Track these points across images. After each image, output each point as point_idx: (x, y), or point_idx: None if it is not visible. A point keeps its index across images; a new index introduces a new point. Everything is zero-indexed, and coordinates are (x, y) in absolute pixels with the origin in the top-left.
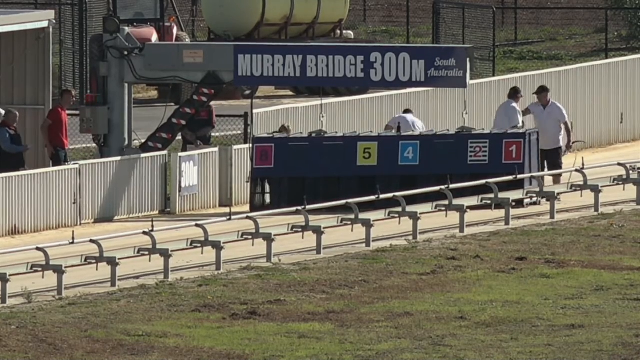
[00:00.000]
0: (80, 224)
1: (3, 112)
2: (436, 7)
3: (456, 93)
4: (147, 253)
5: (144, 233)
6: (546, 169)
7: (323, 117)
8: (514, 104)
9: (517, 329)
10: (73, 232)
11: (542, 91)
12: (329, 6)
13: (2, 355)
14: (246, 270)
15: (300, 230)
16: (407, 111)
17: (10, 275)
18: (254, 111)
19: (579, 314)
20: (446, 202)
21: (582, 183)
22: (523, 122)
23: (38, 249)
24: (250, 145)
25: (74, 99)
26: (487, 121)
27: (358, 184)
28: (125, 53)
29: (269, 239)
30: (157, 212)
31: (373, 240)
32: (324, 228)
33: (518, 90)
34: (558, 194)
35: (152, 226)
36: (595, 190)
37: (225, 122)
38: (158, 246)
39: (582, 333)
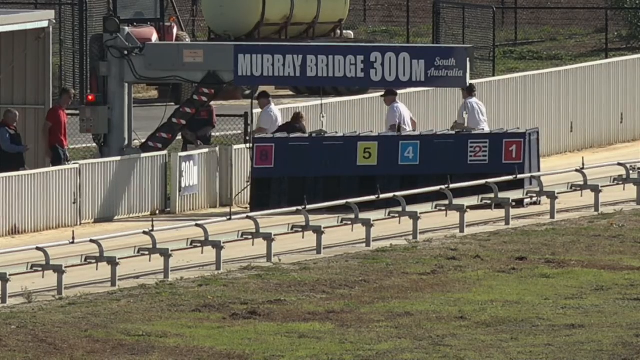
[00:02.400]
0: (80, 223)
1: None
2: (436, 7)
3: (456, 93)
4: (147, 253)
5: (144, 233)
6: None
7: (323, 117)
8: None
9: (517, 329)
10: (73, 232)
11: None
12: (329, 6)
13: (2, 355)
14: (246, 270)
15: (300, 230)
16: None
17: (10, 275)
18: (254, 111)
19: (579, 314)
20: (446, 202)
21: (582, 183)
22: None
23: (38, 248)
24: (250, 145)
25: (73, 98)
26: (488, 121)
27: (358, 184)
28: (126, 53)
29: (269, 238)
30: (157, 212)
31: (373, 240)
32: (324, 228)
33: (473, 88)
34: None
35: (152, 226)
36: (595, 190)
37: (225, 122)
38: (158, 246)
39: (582, 333)
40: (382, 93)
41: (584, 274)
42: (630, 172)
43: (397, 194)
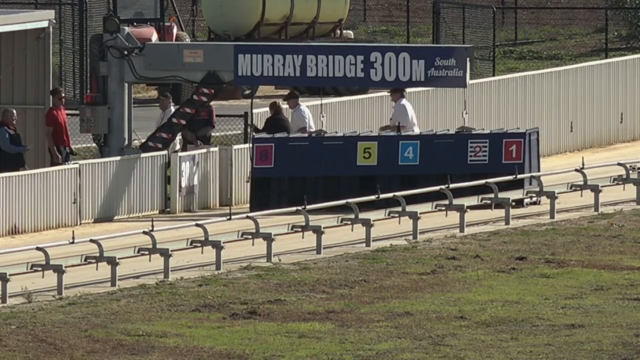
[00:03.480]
0: (80, 223)
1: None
2: (436, 7)
3: (456, 93)
4: (147, 253)
5: (144, 233)
6: None
7: (323, 117)
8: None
9: (517, 329)
10: (73, 231)
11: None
12: (329, 6)
13: (2, 355)
14: (246, 270)
15: (300, 230)
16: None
17: (10, 275)
18: (254, 111)
19: (579, 313)
20: (446, 202)
21: (582, 183)
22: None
23: (38, 248)
24: (250, 145)
25: (64, 96)
26: (487, 121)
27: (358, 184)
28: (125, 53)
29: (269, 238)
30: (157, 212)
31: (373, 240)
32: (324, 228)
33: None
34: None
35: (152, 226)
36: (595, 190)
37: (225, 122)
38: (158, 246)
39: (582, 333)
40: (380, 92)
41: (584, 274)
42: (630, 172)
43: (397, 194)
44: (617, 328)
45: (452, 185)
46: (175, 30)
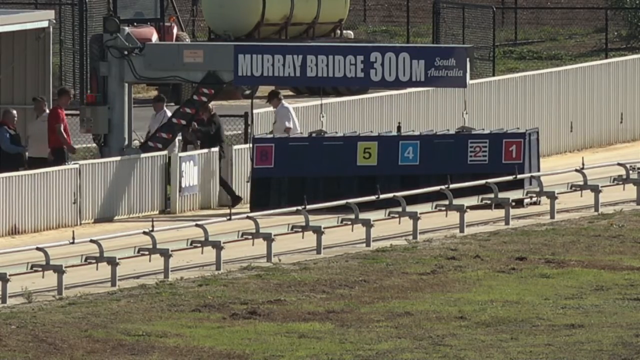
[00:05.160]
0: (80, 224)
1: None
2: (436, 7)
3: (456, 93)
4: (147, 253)
5: (144, 233)
6: None
7: (323, 117)
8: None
9: (517, 329)
10: (73, 232)
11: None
12: (329, 6)
13: (2, 355)
14: (246, 270)
15: (300, 230)
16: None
17: (10, 275)
18: (254, 111)
19: (579, 314)
20: (446, 202)
21: (582, 183)
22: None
23: (38, 249)
24: (250, 145)
25: (72, 98)
26: (487, 121)
27: (358, 184)
28: (126, 53)
29: (269, 239)
30: (157, 212)
31: (373, 240)
32: (324, 228)
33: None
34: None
35: (152, 226)
36: (595, 190)
37: (225, 122)
38: (158, 246)
39: (582, 333)
40: (380, 93)
41: (584, 274)
42: (630, 172)
43: (397, 194)
44: (617, 328)
45: (452, 186)
46: (175, 31)
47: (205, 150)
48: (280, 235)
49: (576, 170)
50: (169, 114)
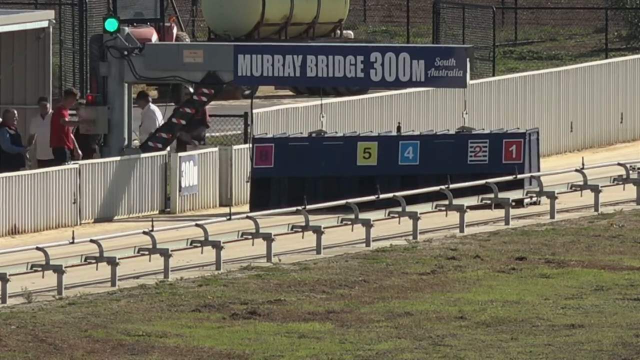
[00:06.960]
0: (80, 223)
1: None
2: (436, 7)
3: (456, 93)
4: (147, 253)
5: (144, 233)
6: None
7: (323, 117)
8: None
9: (517, 329)
10: (73, 232)
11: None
12: (329, 6)
13: (2, 355)
14: (246, 270)
15: (300, 230)
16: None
17: (10, 275)
18: (254, 111)
19: (579, 314)
20: (446, 202)
21: (582, 183)
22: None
23: (38, 248)
24: (250, 145)
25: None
26: (487, 121)
27: (358, 184)
28: (125, 53)
29: (269, 239)
30: (157, 212)
31: (373, 240)
32: (324, 228)
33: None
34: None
35: (152, 226)
36: (595, 190)
37: (225, 122)
38: (158, 246)
39: (582, 333)
40: (380, 93)
41: (584, 274)
42: (630, 172)
43: (397, 194)
44: (617, 328)
45: (452, 185)
46: (175, 31)
47: (205, 151)
48: (280, 235)
49: (576, 170)
50: (153, 107)
